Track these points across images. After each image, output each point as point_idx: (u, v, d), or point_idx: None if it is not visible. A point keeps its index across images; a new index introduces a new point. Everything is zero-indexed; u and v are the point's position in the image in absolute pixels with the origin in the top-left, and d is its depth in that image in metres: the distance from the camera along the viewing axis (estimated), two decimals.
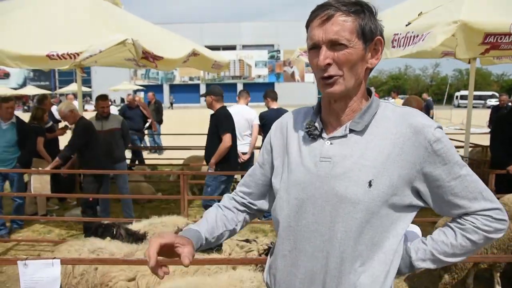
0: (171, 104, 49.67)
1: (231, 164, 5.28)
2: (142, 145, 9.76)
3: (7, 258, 4.53)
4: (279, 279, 1.35)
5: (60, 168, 5.31)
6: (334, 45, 1.19)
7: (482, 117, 9.67)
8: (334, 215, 1.22)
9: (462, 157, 6.25)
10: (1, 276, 4.40)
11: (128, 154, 10.47)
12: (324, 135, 1.30)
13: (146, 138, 11.46)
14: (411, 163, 1.20)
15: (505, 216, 1.26)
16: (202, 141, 9.70)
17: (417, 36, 3.71)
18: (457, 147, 8.00)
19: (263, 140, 6.07)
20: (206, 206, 5.19)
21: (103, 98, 5.92)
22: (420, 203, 1.27)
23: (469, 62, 5.85)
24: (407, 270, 1.31)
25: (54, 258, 2.29)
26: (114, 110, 9.57)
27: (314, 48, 1.23)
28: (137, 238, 3.42)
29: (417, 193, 1.26)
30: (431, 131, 1.19)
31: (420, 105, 4.72)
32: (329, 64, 1.20)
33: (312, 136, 1.30)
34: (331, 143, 1.27)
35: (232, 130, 5.15)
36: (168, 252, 1.24)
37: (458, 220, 1.27)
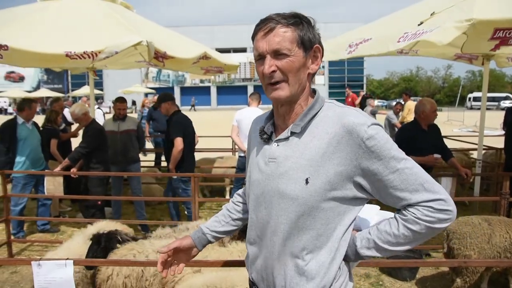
0: (193, 106, 49.75)
1: (190, 165, 5.56)
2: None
3: (22, 258, 4.60)
4: (250, 263, 1.55)
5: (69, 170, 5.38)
6: (277, 54, 1.32)
7: (495, 119, 9.54)
8: (278, 209, 1.37)
9: (476, 159, 6.17)
10: (15, 276, 4.45)
11: (152, 156, 10.50)
12: (273, 137, 1.45)
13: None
14: (347, 160, 1.30)
15: (449, 206, 1.29)
16: (214, 143, 9.76)
17: (426, 31, 3.67)
18: (470, 149, 7.93)
19: None
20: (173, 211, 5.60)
21: (121, 100, 6.03)
22: (365, 196, 1.37)
23: (482, 64, 5.77)
24: (353, 257, 1.41)
25: (67, 259, 2.31)
26: (99, 113, 9.33)
27: (260, 58, 1.36)
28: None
29: (360, 187, 1.34)
30: (364, 129, 1.28)
31: (434, 107, 4.67)
32: (274, 71, 1.33)
33: (263, 139, 1.46)
34: (277, 145, 1.41)
35: (184, 134, 5.32)
36: (182, 256, 1.69)
37: (402, 211, 1.34)
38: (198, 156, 8.71)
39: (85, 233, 3.77)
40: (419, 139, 4.63)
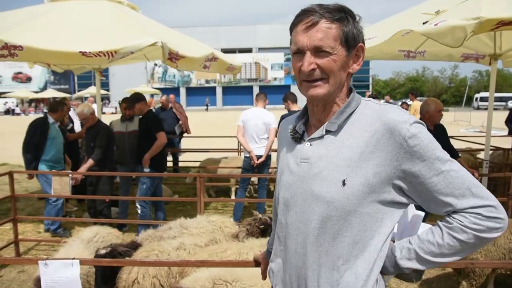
0: (207, 106, 49.75)
1: (163, 162, 5.69)
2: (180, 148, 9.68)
3: (29, 257, 4.63)
4: (276, 272, 1.45)
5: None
6: (318, 51, 1.23)
7: (503, 119, 9.44)
8: (311, 213, 1.27)
9: (483, 160, 6.13)
10: (22, 275, 4.49)
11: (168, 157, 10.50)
12: (305, 137, 1.36)
13: None
14: (387, 160, 1.20)
15: (500, 213, 1.18)
16: (219, 143, 9.78)
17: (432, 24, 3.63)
18: (477, 149, 7.87)
19: None
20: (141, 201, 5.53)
21: (126, 100, 6.04)
22: (405, 200, 1.26)
23: (490, 63, 5.73)
24: (392, 269, 1.29)
25: (74, 258, 2.32)
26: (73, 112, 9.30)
27: (298, 52, 1.27)
28: (135, 247, 3.49)
29: (401, 190, 1.24)
30: (406, 127, 1.18)
31: (439, 107, 4.64)
32: (313, 70, 1.24)
33: (294, 139, 1.38)
34: (310, 144, 1.32)
35: (163, 129, 5.53)
36: None
37: (447, 219, 1.23)
38: (203, 156, 8.77)
39: (81, 237, 3.80)
40: None
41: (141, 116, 5.61)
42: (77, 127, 7.71)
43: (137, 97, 5.65)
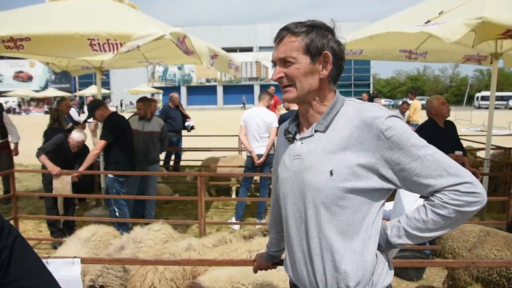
0: (244, 104, 49.60)
1: (128, 165, 5.41)
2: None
3: None
4: (288, 264, 1.60)
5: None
6: (284, 62, 1.43)
7: (504, 118, 9.44)
8: (306, 202, 1.44)
9: (484, 159, 6.12)
10: None
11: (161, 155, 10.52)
12: (297, 136, 1.53)
13: None
14: (369, 152, 1.35)
15: (477, 188, 1.29)
16: (220, 143, 9.79)
17: (434, 24, 3.62)
18: (478, 149, 7.87)
19: None
20: (115, 203, 5.32)
21: (140, 100, 6.02)
22: (391, 186, 1.40)
23: (491, 63, 5.72)
24: (385, 246, 1.44)
25: (75, 257, 2.33)
26: (74, 111, 9.33)
27: (274, 65, 1.49)
28: None
29: (385, 178, 1.38)
30: (382, 121, 1.34)
31: (441, 99, 4.69)
32: (281, 77, 1.45)
33: (287, 139, 1.56)
34: (301, 143, 1.49)
35: (120, 134, 5.28)
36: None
37: (430, 197, 1.36)
38: (204, 155, 8.77)
39: (78, 236, 3.78)
40: (436, 138, 4.56)
41: (104, 121, 5.40)
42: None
43: (94, 104, 5.44)
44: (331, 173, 1.37)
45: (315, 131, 1.46)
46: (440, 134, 4.62)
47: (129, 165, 5.42)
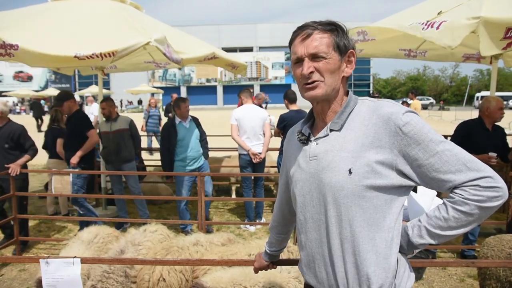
0: (266, 103, 49.31)
1: (92, 160, 5.57)
2: None
3: (30, 256, 4.63)
4: (305, 268, 1.58)
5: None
6: (314, 57, 1.41)
7: (504, 118, 9.43)
8: (325, 203, 1.41)
9: None
10: (23, 274, 4.50)
11: (158, 155, 10.51)
12: (311, 138, 1.51)
13: None
14: (387, 149, 1.34)
15: (498, 183, 1.26)
16: (220, 142, 9.76)
17: (431, 24, 3.61)
18: None
19: (282, 142, 5.99)
20: (75, 201, 5.36)
21: (104, 100, 5.99)
22: (410, 182, 1.37)
23: (490, 63, 5.73)
24: (407, 247, 1.41)
25: (75, 257, 2.33)
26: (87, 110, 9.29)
27: (298, 61, 1.45)
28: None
29: (404, 175, 1.36)
30: (399, 117, 1.32)
31: (500, 105, 4.53)
32: (312, 72, 1.41)
33: (301, 141, 1.54)
34: (317, 144, 1.47)
35: (93, 127, 5.49)
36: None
37: (450, 194, 1.33)
38: None
39: (81, 238, 3.78)
40: (479, 137, 4.48)
41: (68, 115, 5.53)
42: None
43: (65, 95, 5.49)
44: (350, 172, 1.34)
45: (330, 130, 1.44)
46: (482, 133, 4.52)
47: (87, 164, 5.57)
